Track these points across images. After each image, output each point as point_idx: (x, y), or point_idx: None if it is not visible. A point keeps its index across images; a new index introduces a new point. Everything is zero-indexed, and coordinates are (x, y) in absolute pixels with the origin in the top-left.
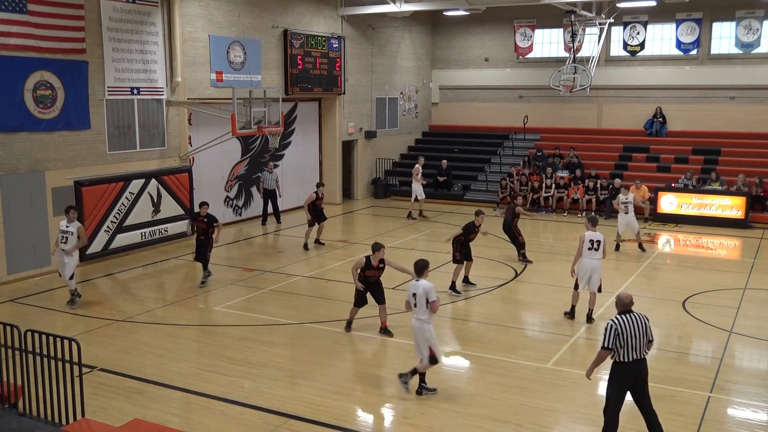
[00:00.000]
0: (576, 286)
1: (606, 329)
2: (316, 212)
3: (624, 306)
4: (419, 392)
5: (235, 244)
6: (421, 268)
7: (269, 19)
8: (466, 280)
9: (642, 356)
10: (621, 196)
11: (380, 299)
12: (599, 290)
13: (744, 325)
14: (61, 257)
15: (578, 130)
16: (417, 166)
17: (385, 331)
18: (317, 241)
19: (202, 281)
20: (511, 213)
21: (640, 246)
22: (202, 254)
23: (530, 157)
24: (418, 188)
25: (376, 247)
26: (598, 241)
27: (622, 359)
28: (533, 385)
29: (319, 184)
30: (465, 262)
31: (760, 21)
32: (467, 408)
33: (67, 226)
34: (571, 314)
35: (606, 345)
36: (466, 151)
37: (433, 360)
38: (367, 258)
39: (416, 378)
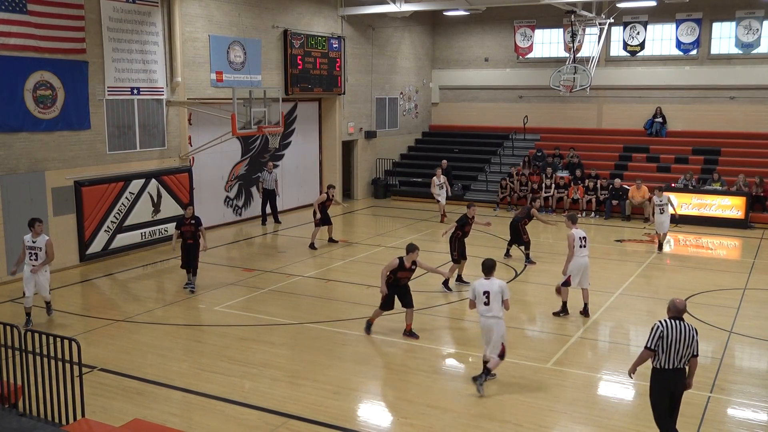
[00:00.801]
0: (567, 284)
1: (652, 330)
2: (324, 213)
3: (676, 311)
4: (476, 379)
5: (235, 244)
6: (491, 267)
7: (269, 19)
8: (459, 279)
9: (682, 366)
10: (656, 199)
11: (409, 303)
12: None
13: (744, 325)
14: (30, 276)
15: (578, 130)
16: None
17: (410, 333)
18: (331, 240)
19: (191, 288)
20: (525, 212)
21: (660, 246)
22: (190, 260)
23: (530, 157)
24: (440, 193)
25: (411, 248)
26: (586, 238)
27: (661, 365)
28: (533, 385)
29: (331, 186)
30: (461, 261)
31: (760, 21)
32: (467, 408)
33: (34, 241)
34: (564, 311)
35: (649, 345)
36: (466, 151)
37: (503, 355)
38: (401, 259)
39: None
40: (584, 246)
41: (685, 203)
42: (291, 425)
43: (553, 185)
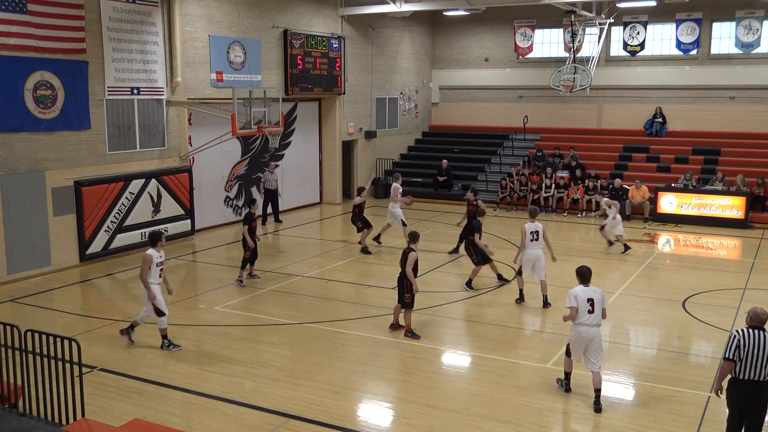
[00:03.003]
0: (520, 272)
1: (729, 339)
2: (363, 217)
3: (757, 321)
4: (560, 383)
5: (235, 244)
6: (589, 275)
7: (269, 19)
8: (468, 283)
9: (762, 379)
10: (604, 201)
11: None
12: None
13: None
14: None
15: (578, 130)
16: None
17: (411, 333)
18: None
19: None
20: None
21: (610, 244)
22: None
23: (530, 157)
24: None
25: (416, 237)
26: (538, 232)
27: (738, 375)
28: (533, 385)
29: (362, 189)
30: (485, 264)
31: (760, 21)
32: (467, 408)
33: (161, 256)
34: (521, 299)
35: (727, 356)
36: (466, 151)
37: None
38: (414, 250)
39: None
40: (536, 240)
41: (685, 203)
42: (291, 425)
43: (553, 185)
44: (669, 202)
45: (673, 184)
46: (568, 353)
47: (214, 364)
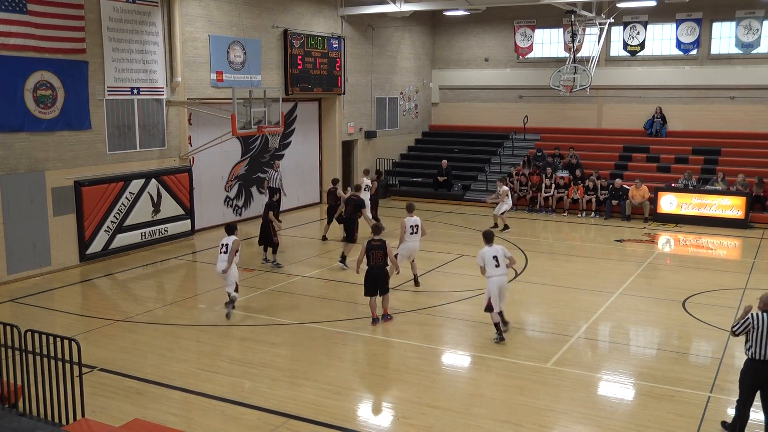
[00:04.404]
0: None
1: (744, 318)
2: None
3: (765, 306)
4: (496, 340)
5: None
6: (492, 237)
7: (269, 19)
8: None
9: None
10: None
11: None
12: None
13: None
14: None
15: (578, 130)
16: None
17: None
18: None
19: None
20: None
21: (503, 227)
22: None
23: (530, 157)
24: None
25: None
26: (417, 225)
27: (753, 356)
28: (533, 385)
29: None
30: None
31: (760, 21)
32: (467, 408)
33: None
34: (416, 282)
35: (735, 330)
36: (466, 151)
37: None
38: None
39: None
40: (415, 233)
41: (685, 203)
42: (291, 425)
43: (553, 185)
44: (669, 202)
45: (673, 184)
46: (489, 308)
47: (214, 364)
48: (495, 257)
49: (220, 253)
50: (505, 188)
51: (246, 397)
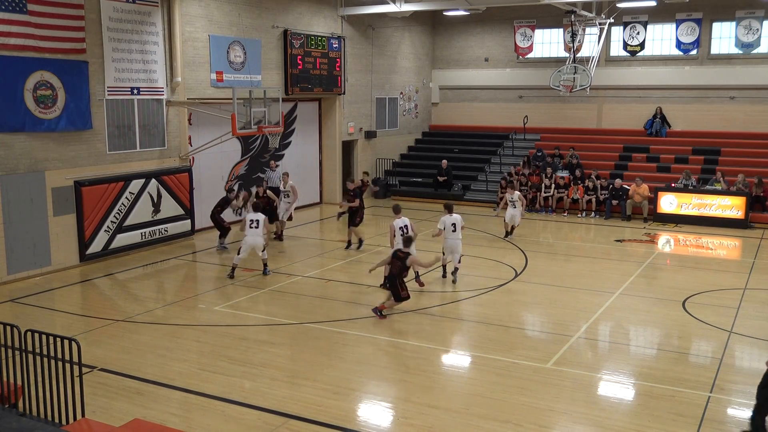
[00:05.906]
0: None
1: None
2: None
3: None
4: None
5: (235, 244)
6: (451, 207)
7: (269, 19)
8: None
9: None
10: (508, 195)
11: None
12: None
13: (744, 325)
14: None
15: (578, 130)
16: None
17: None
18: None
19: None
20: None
21: (509, 233)
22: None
23: (530, 157)
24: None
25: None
26: (406, 226)
27: None
28: (533, 385)
29: (365, 173)
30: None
31: (760, 21)
32: (467, 408)
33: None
34: (417, 279)
35: None
36: (466, 151)
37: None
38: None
39: None
40: (405, 233)
41: (685, 203)
42: (291, 425)
43: (553, 185)
44: (669, 202)
45: (673, 184)
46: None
47: (214, 364)
48: (453, 224)
49: (250, 228)
50: (518, 192)
51: (246, 397)
